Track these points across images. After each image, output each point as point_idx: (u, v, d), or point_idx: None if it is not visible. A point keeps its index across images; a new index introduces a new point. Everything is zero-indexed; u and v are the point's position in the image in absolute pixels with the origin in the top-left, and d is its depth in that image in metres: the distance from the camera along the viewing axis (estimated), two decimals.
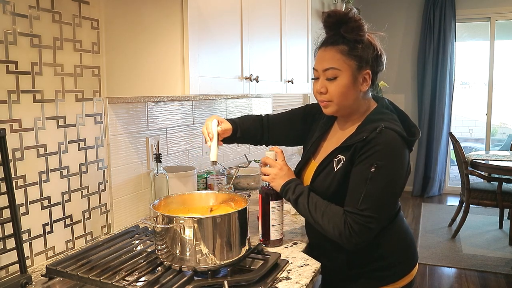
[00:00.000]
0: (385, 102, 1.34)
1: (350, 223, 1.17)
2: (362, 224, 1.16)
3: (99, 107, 1.48)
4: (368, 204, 1.16)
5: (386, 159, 1.18)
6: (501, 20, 5.46)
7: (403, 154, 1.21)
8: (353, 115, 1.31)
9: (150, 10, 1.35)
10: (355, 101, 1.28)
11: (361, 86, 1.26)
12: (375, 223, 1.17)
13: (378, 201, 1.18)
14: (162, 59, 1.35)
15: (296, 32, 2.22)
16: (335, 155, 1.27)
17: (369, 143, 1.19)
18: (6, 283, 1.08)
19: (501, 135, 7.54)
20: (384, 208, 1.21)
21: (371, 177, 1.16)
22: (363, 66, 1.24)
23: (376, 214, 1.17)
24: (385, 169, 1.17)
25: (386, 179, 1.18)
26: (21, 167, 1.21)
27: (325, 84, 1.26)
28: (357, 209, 1.17)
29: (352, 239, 1.18)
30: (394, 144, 1.19)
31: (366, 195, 1.16)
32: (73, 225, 1.40)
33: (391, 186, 1.20)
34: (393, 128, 1.21)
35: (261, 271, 1.14)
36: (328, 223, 1.21)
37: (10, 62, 1.17)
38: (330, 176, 1.26)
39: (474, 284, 3.24)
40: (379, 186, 1.17)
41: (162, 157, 1.64)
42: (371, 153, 1.18)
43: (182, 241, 1.10)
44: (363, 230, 1.17)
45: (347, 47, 1.23)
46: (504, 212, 4.43)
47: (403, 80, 5.80)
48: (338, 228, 1.18)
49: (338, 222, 1.19)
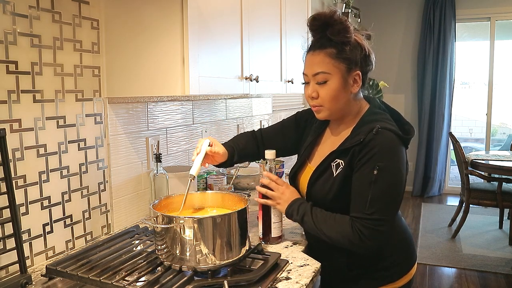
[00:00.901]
0: (377, 102, 1.34)
1: (359, 228, 1.17)
2: (372, 228, 1.16)
3: (99, 107, 1.48)
4: (375, 207, 1.16)
5: (386, 160, 1.18)
6: (501, 20, 5.46)
7: (401, 152, 1.22)
8: (345, 118, 1.31)
9: (150, 10, 1.36)
10: (346, 103, 1.27)
11: (351, 88, 1.25)
12: (385, 225, 1.18)
13: (385, 203, 1.18)
14: (162, 59, 1.35)
15: (296, 32, 2.22)
16: (332, 159, 1.27)
17: (367, 146, 1.18)
18: (6, 283, 1.08)
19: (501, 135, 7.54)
20: (391, 208, 1.21)
21: (374, 180, 1.16)
22: (352, 68, 1.23)
23: (385, 216, 1.17)
24: (387, 170, 1.17)
25: (390, 179, 1.18)
26: (21, 167, 1.21)
27: (316, 89, 1.26)
28: (365, 214, 1.16)
29: (364, 244, 1.18)
30: (392, 144, 1.19)
31: (373, 198, 1.16)
32: (73, 225, 1.40)
33: (395, 186, 1.20)
34: (389, 127, 1.20)
35: (261, 271, 1.14)
36: (337, 233, 1.21)
37: (10, 62, 1.17)
38: (330, 181, 1.26)
39: (474, 284, 3.24)
40: (384, 187, 1.17)
41: (162, 157, 1.64)
42: (371, 155, 1.17)
43: (182, 241, 1.10)
44: (374, 233, 1.17)
45: (335, 50, 1.22)
46: (504, 212, 4.43)
47: (403, 80, 5.80)
48: (348, 236, 1.19)
49: (347, 230, 1.19)
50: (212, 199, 1.36)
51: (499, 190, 3.83)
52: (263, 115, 2.82)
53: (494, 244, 3.96)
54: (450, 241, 4.08)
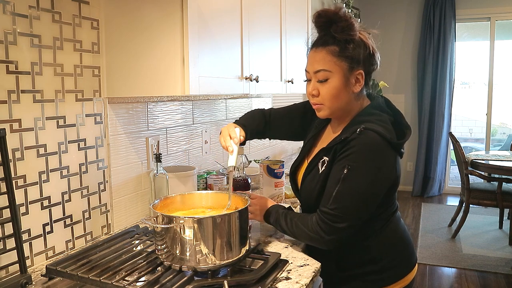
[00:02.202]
0: (378, 101, 1.31)
1: (318, 221, 1.19)
2: (328, 223, 1.17)
3: (99, 107, 1.48)
4: (337, 203, 1.16)
5: (360, 161, 1.16)
6: (501, 20, 5.46)
7: (382, 155, 1.18)
8: (346, 117, 1.29)
9: (150, 10, 1.35)
10: (347, 102, 1.25)
11: (353, 87, 1.23)
12: (343, 223, 1.16)
13: (349, 201, 1.16)
14: (162, 59, 1.35)
15: (296, 32, 2.22)
16: (320, 157, 1.27)
17: (347, 144, 1.18)
18: (6, 283, 1.08)
19: (501, 135, 7.54)
20: (356, 209, 1.18)
21: (343, 178, 1.15)
22: (354, 67, 1.21)
23: (344, 215, 1.16)
24: (357, 171, 1.15)
25: (360, 180, 1.16)
26: (21, 167, 1.21)
27: (317, 87, 1.24)
28: (327, 208, 1.17)
29: (322, 239, 1.19)
30: (372, 145, 1.16)
31: (336, 195, 1.16)
32: (73, 225, 1.40)
33: (363, 188, 1.16)
34: (374, 129, 1.17)
35: (261, 271, 1.14)
36: (302, 230, 1.23)
37: (10, 62, 1.17)
38: (316, 178, 1.26)
39: (474, 284, 3.24)
40: (350, 187, 1.16)
41: (162, 157, 1.64)
42: (347, 154, 1.17)
43: (182, 241, 1.10)
44: (331, 229, 1.17)
45: (338, 48, 1.20)
46: (504, 212, 4.44)
47: (403, 80, 5.81)
48: (310, 229, 1.20)
49: (309, 224, 1.21)
50: (212, 199, 1.36)
51: (499, 190, 3.83)
52: None
53: (494, 244, 3.96)
54: (450, 241, 4.08)
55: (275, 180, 1.87)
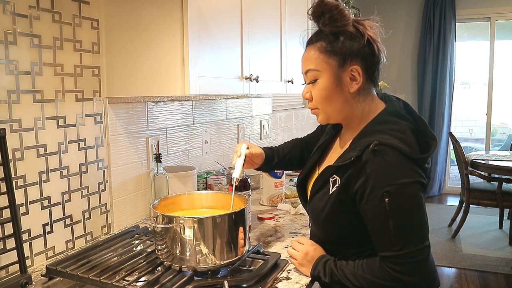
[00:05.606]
0: (394, 105, 1.13)
1: (391, 267, 1.00)
2: (405, 264, 0.99)
3: (99, 107, 1.48)
4: (402, 241, 0.99)
5: (392, 180, 0.98)
6: (501, 20, 5.46)
7: (408, 168, 1.01)
8: (351, 122, 1.13)
9: (150, 10, 1.36)
10: (344, 105, 1.09)
11: (349, 86, 1.07)
12: (420, 255, 0.99)
13: (411, 231, 1.00)
14: (162, 59, 1.35)
15: (296, 32, 2.22)
16: (330, 174, 1.09)
17: (363, 170, 1.00)
18: (6, 283, 1.08)
19: (501, 135, 7.55)
20: (421, 232, 1.02)
21: (390, 210, 0.98)
22: (347, 62, 1.05)
23: (415, 247, 0.99)
24: (398, 193, 0.98)
25: (406, 202, 1.00)
26: (21, 167, 1.21)
27: (309, 89, 1.11)
28: (394, 251, 0.99)
29: (402, 281, 1.00)
30: (395, 163, 0.99)
31: (395, 231, 0.99)
32: (73, 225, 1.40)
33: (415, 207, 1.01)
34: (390, 143, 1.00)
35: (261, 271, 1.14)
36: (370, 282, 1.03)
37: (10, 62, 1.17)
38: (325, 198, 1.09)
39: (474, 284, 3.24)
40: (403, 214, 0.99)
41: (162, 157, 1.64)
42: (373, 182, 0.99)
43: (182, 241, 1.10)
44: (410, 267, 0.99)
45: (325, 43, 1.06)
46: (504, 212, 4.43)
47: (403, 80, 5.80)
48: (384, 279, 1.01)
49: (378, 275, 1.02)
50: (212, 199, 1.36)
51: (499, 190, 3.83)
52: (263, 115, 2.82)
53: (494, 244, 3.96)
54: (450, 241, 4.08)
55: (275, 180, 1.87)
